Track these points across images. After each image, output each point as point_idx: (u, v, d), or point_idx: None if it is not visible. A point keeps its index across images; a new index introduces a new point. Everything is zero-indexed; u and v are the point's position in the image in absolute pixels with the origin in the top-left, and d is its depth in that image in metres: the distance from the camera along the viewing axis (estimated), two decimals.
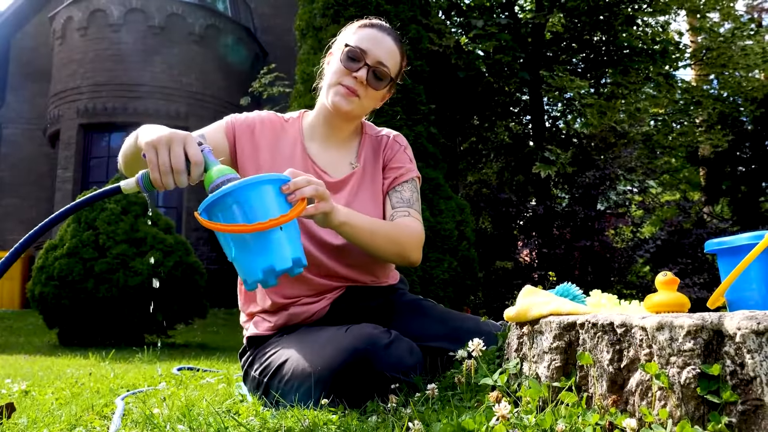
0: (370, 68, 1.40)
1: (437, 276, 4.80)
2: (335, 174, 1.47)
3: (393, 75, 1.45)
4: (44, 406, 1.40)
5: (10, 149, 11.68)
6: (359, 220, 1.31)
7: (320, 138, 1.49)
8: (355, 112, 1.44)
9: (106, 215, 4.96)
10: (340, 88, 1.40)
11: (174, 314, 5.08)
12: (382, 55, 1.41)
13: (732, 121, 9.99)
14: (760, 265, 0.91)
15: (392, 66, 1.44)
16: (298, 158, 1.46)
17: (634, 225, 6.93)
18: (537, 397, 0.91)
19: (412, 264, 1.43)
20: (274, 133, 1.48)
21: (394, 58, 1.44)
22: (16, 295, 9.51)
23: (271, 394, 1.28)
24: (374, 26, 1.46)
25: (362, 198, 1.46)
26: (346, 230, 1.28)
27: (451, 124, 7.89)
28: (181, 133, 1.09)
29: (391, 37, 1.45)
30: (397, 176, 1.49)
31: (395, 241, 1.37)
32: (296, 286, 1.41)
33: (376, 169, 1.50)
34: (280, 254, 1.05)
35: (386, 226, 1.39)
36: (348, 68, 1.40)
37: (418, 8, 5.66)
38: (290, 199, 1.09)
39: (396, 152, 1.52)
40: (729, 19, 8.39)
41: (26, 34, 12.04)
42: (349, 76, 1.40)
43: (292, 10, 9.78)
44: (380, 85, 1.42)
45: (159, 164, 1.06)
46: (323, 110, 1.48)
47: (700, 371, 0.73)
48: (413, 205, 1.47)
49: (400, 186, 1.48)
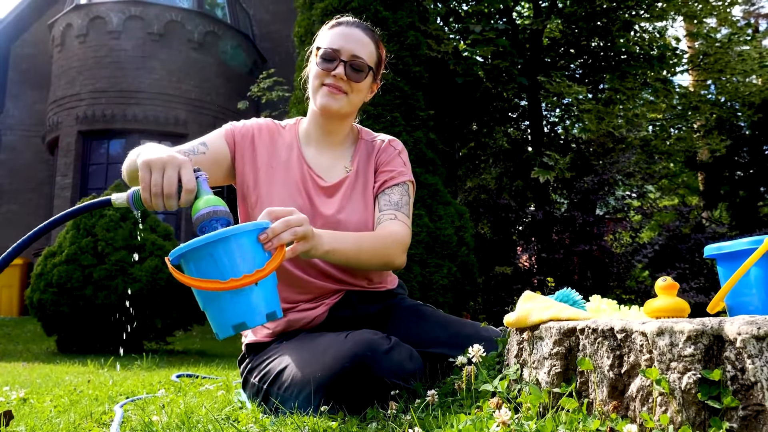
0: (346, 63, 1.42)
1: (436, 281, 4.79)
2: (329, 178, 1.47)
3: (371, 64, 1.46)
4: (43, 413, 1.39)
5: (9, 156, 11.69)
6: (343, 243, 1.29)
7: (315, 143, 1.51)
8: (344, 110, 1.45)
9: (104, 222, 4.96)
10: (324, 89, 1.43)
11: (173, 321, 5.07)
12: (354, 48, 1.43)
13: (730, 126, 10.01)
14: (759, 270, 0.91)
15: (367, 55, 1.45)
16: (295, 163, 1.47)
17: (633, 230, 6.94)
18: (537, 403, 0.91)
19: (396, 268, 1.44)
20: (272, 138, 1.49)
21: (367, 47, 1.46)
22: (15, 302, 9.49)
23: (271, 401, 1.28)
24: (341, 24, 1.48)
25: (354, 202, 1.46)
26: (331, 257, 1.27)
27: (450, 130, 7.91)
28: (179, 158, 1.08)
29: (360, 29, 1.47)
30: (387, 179, 1.49)
31: (380, 254, 1.37)
32: (293, 290, 1.42)
33: (369, 173, 1.50)
34: (253, 311, 1.02)
35: (370, 240, 1.37)
36: (325, 69, 1.42)
37: (417, 15, 5.68)
38: (268, 248, 1.07)
39: (390, 156, 1.52)
40: (726, 25, 8.42)
41: (26, 42, 12.07)
42: (329, 75, 1.42)
43: (290, 16, 9.82)
44: (360, 76, 1.44)
45: (151, 185, 1.06)
46: (314, 115, 1.50)
47: (701, 376, 0.73)
48: (401, 208, 1.46)
49: (389, 189, 1.48)
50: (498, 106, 8.48)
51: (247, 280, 0.99)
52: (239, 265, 1.00)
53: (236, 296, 1.01)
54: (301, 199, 1.43)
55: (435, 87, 6.90)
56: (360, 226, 1.43)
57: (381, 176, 1.50)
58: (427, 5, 7.28)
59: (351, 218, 1.43)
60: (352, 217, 1.43)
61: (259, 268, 1.02)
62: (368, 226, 1.45)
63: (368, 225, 1.45)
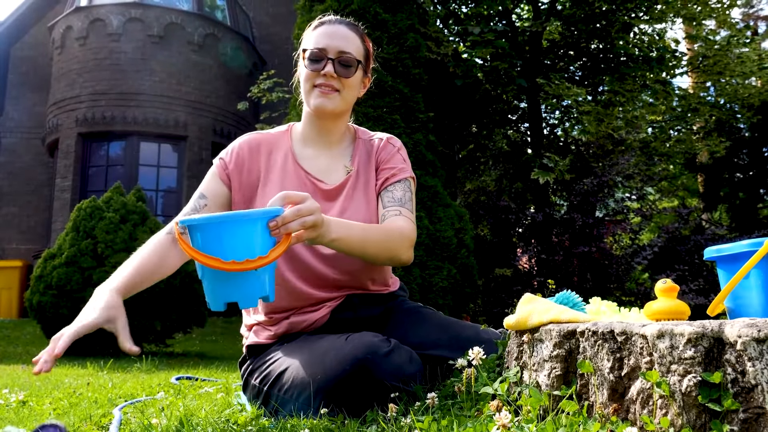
0: (334, 60, 1.42)
1: (436, 284, 4.79)
2: (330, 181, 1.47)
3: (359, 58, 1.46)
4: (42, 416, 1.39)
5: (8, 158, 11.69)
6: (350, 231, 1.28)
7: (312, 145, 1.50)
8: (339, 108, 1.45)
9: (104, 224, 4.96)
10: (316, 91, 1.43)
11: (172, 323, 5.06)
12: (340, 44, 1.43)
13: (729, 128, 10.02)
14: (759, 272, 0.91)
15: (354, 50, 1.45)
16: (290, 170, 1.46)
17: (633, 232, 6.93)
18: (537, 405, 0.91)
19: (403, 264, 1.42)
20: (262, 151, 1.48)
21: (353, 42, 1.45)
22: (14, 304, 9.48)
23: (271, 403, 1.28)
24: (324, 23, 1.48)
25: (357, 202, 1.46)
26: (336, 245, 1.26)
27: (450, 132, 7.91)
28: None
29: (343, 25, 1.47)
30: (389, 176, 1.48)
31: (386, 247, 1.35)
32: (292, 300, 1.41)
33: (370, 172, 1.50)
34: (248, 293, 1.03)
35: (377, 232, 1.36)
36: (314, 70, 1.42)
37: (416, 17, 5.68)
38: (275, 235, 1.07)
39: (390, 153, 1.52)
40: (725, 27, 8.43)
41: (25, 44, 12.08)
42: (319, 76, 1.42)
43: (290, 19, 9.83)
44: (350, 71, 1.44)
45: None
46: (309, 117, 1.50)
47: (701, 379, 0.73)
48: (405, 204, 1.45)
49: (392, 186, 1.47)
50: (497, 108, 8.49)
51: (249, 266, 1.01)
52: (243, 248, 1.02)
53: (234, 277, 1.02)
54: None
55: (435, 89, 6.91)
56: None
57: (382, 174, 1.49)
58: (427, 7, 7.29)
59: (354, 218, 1.42)
60: (355, 217, 1.43)
61: (262, 255, 1.03)
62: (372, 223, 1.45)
63: (372, 222, 1.45)
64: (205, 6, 10.73)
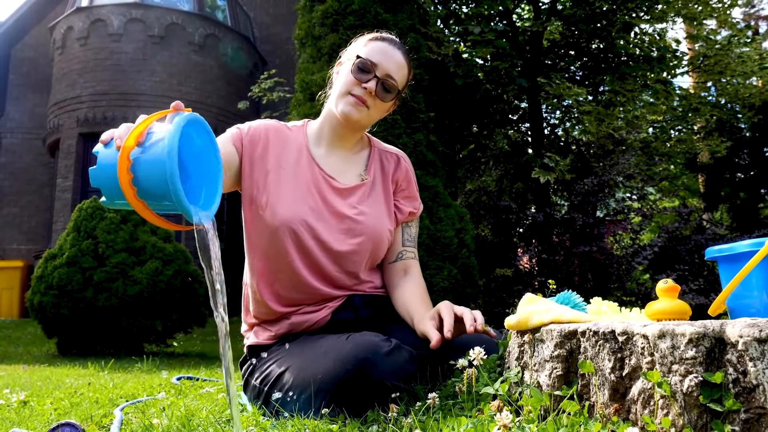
0: (380, 80, 1.43)
1: (437, 284, 4.79)
2: (343, 180, 1.49)
3: (400, 87, 1.48)
4: (43, 416, 1.39)
5: (9, 159, 11.70)
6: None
7: (326, 145, 1.51)
8: (363, 122, 1.47)
9: (105, 224, 4.96)
10: (350, 98, 1.43)
11: (173, 323, 5.06)
12: (391, 68, 1.44)
13: (730, 127, 10.01)
14: (761, 273, 0.91)
15: (400, 79, 1.47)
16: (304, 164, 1.47)
17: (633, 232, 6.93)
18: (538, 406, 0.91)
19: None
20: (281, 140, 1.49)
21: (402, 71, 1.47)
22: (15, 304, 9.49)
23: (272, 404, 1.28)
24: (385, 40, 1.49)
25: (371, 206, 1.48)
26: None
27: (450, 132, 7.91)
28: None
29: (400, 51, 1.49)
30: (412, 211, 1.56)
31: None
32: (297, 293, 1.42)
33: (387, 187, 1.54)
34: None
35: (425, 290, 1.51)
36: (358, 79, 1.42)
37: (417, 17, 5.68)
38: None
39: (410, 181, 1.58)
40: (726, 27, 8.42)
41: (26, 45, 12.10)
42: (359, 86, 1.43)
43: (291, 19, 9.84)
44: (388, 97, 1.45)
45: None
46: (331, 118, 1.50)
47: (703, 379, 0.73)
48: (415, 240, 1.59)
49: (412, 222, 1.57)
50: (498, 108, 8.48)
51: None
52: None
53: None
54: (312, 199, 1.43)
55: (435, 89, 6.91)
56: (377, 228, 1.46)
57: (405, 204, 1.55)
58: (428, 8, 7.29)
59: (369, 220, 1.46)
60: (370, 219, 1.46)
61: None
62: (385, 231, 1.48)
63: (385, 230, 1.48)
64: (205, 6, 10.74)
